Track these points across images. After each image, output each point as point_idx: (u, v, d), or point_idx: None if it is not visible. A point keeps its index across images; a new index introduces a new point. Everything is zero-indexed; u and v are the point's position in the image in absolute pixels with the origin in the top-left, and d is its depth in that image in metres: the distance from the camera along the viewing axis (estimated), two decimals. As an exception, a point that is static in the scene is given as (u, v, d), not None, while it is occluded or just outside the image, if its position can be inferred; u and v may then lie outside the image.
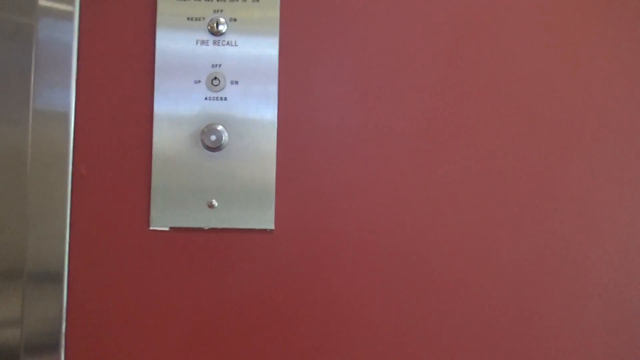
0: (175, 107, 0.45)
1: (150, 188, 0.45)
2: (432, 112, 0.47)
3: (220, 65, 0.46)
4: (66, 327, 0.44)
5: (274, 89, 0.46)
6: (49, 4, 0.42)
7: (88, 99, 0.46)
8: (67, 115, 0.45)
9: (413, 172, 0.46)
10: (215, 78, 0.45)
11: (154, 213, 0.45)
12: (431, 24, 0.47)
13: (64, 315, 0.44)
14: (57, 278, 0.44)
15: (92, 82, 0.46)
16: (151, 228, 0.45)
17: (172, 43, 0.46)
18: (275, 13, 0.46)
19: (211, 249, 0.45)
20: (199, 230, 0.46)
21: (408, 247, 0.46)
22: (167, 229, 0.45)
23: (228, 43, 0.46)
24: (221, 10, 0.46)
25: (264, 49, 0.46)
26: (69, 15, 0.43)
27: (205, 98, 0.45)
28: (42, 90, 0.43)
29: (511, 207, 0.46)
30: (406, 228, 0.46)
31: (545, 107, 0.47)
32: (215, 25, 0.45)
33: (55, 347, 0.44)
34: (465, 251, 0.46)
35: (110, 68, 0.46)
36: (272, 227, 0.45)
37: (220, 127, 0.45)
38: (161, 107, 0.45)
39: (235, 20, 0.46)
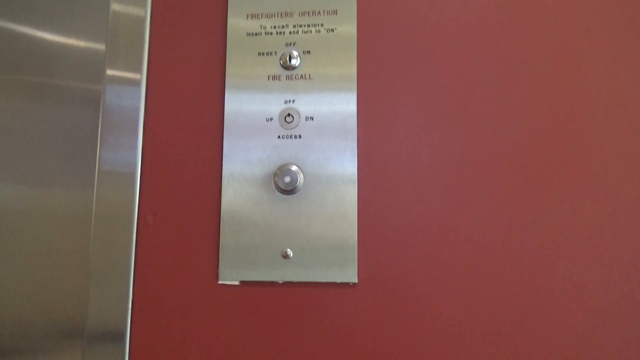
0: (245, 148, 0.42)
1: (218, 237, 0.41)
2: (517, 160, 0.40)
3: (293, 101, 0.42)
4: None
5: (352, 122, 0.41)
6: (116, 73, 0.44)
7: (154, 154, 0.43)
8: (132, 175, 0.43)
9: (500, 220, 0.39)
10: (289, 114, 0.42)
11: (222, 265, 0.41)
12: (510, 67, 0.41)
13: (125, 379, 0.40)
14: (119, 338, 0.41)
15: (159, 137, 0.43)
16: (220, 282, 0.41)
17: (242, 81, 0.43)
18: (353, 41, 0.42)
19: (286, 305, 0.40)
20: (273, 284, 0.40)
21: (500, 300, 0.38)
22: (237, 283, 0.41)
23: (302, 77, 0.42)
24: (294, 43, 0.42)
25: (341, 81, 0.42)
26: (135, 82, 0.44)
27: (278, 136, 0.41)
28: (108, 153, 0.43)
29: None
30: (498, 279, 0.39)
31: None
32: (287, 59, 0.42)
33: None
34: (561, 298, 0.38)
35: (178, 116, 0.44)
36: (356, 280, 0.39)
37: (294, 168, 0.40)
38: (231, 148, 0.42)
39: (309, 52, 0.42)
